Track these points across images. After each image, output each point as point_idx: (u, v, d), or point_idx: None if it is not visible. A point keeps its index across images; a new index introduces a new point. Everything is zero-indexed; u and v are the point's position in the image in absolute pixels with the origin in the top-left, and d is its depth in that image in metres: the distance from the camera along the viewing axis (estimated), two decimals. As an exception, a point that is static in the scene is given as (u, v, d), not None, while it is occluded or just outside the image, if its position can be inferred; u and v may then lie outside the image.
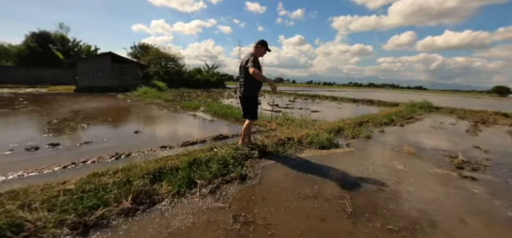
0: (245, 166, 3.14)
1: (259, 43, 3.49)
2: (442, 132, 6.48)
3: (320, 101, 15.25)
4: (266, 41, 3.52)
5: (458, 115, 10.86)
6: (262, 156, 3.53)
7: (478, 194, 2.72)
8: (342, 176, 2.99)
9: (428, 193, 2.70)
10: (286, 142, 4.21)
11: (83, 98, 12.14)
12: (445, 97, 31.20)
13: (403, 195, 2.60)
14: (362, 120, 7.07)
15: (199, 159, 3.03)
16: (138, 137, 4.66)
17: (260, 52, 3.51)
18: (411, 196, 2.58)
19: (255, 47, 3.50)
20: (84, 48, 28.47)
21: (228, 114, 7.14)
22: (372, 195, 2.55)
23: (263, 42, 3.51)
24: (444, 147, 4.83)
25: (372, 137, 5.29)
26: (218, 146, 3.58)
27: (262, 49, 3.51)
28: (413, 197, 2.56)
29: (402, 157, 3.96)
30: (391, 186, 2.79)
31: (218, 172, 2.83)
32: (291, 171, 3.11)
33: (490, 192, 2.79)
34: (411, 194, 2.63)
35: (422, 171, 3.37)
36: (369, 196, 2.53)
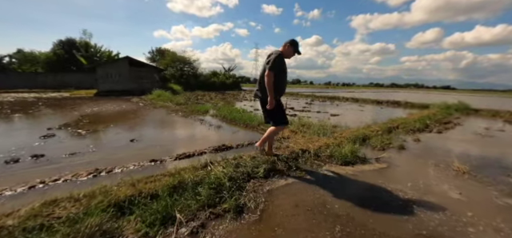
0: (245, 191, 2.44)
1: (289, 43, 2.99)
2: (493, 142, 5.33)
3: (340, 103, 14.16)
4: (297, 42, 3.00)
5: (504, 118, 9.35)
6: (268, 175, 2.81)
7: None
8: (373, 210, 2.17)
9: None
10: (300, 155, 3.45)
11: (99, 102, 12.17)
12: (478, 98, 28.23)
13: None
14: (391, 126, 6.09)
15: (185, 181, 2.38)
16: (131, 147, 4.15)
17: (288, 52, 3.00)
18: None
19: (284, 46, 3.02)
20: (105, 53, 29.46)
21: (237, 119, 6.49)
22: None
23: (294, 43, 2.99)
24: (502, 162, 3.79)
25: (406, 148, 4.35)
26: (214, 162, 2.91)
27: (291, 50, 3.00)
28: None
29: (453, 178, 3.03)
30: (449, 229, 1.94)
31: (208, 201, 2.16)
32: (305, 199, 2.35)
33: None
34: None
35: (486, 202, 2.45)
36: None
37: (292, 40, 2.98)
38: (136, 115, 7.95)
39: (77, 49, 27.42)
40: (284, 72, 2.94)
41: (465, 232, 1.90)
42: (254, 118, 6.17)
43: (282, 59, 2.87)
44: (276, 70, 2.77)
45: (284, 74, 2.95)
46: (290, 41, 2.98)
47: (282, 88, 3.03)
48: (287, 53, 2.99)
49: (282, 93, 3.04)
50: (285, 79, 3.00)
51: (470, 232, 1.89)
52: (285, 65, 2.95)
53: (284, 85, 3.04)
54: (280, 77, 2.87)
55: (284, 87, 3.06)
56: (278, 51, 2.89)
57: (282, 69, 2.87)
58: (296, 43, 2.99)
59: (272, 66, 2.74)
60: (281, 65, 2.85)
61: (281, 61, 2.85)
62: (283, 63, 2.91)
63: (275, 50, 2.94)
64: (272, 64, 2.75)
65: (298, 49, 3.01)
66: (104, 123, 6.38)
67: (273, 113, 2.97)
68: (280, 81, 2.89)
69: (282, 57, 2.87)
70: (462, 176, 3.09)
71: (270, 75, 2.74)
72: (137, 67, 20.49)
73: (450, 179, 2.99)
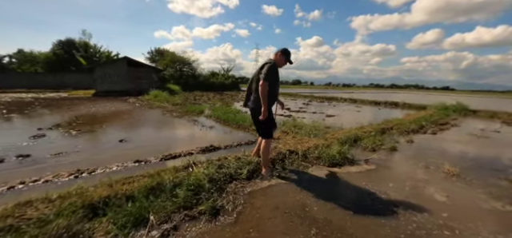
0: (225, 193, 2.40)
1: (281, 52, 2.88)
2: (488, 143, 5.27)
3: (337, 104, 14.10)
4: (288, 51, 2.91)
5: (502, 119, 9.27)
6: (251, 177, 2.76)
7: None
8: (352, 213, 2.12)
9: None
10: (287, 157, 3.39)
11: (96, 102, 12.15)
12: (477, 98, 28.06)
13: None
14: (385, 127, 6.02)
15: (164, 183, 2.33)
16: (119, 148, 4.11)
17: (280, 61, 2.89)
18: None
19: (276, 55, 2.91)
20: (104, 53, 29.49)
21: (230, 120, 6.45)
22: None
23: (285, 52, 2.88)
24: (495, 164, 3.73)
25: (398, 149, 4.29)
26: (198, 163, 2.87)
27: (283, 59, 2.89)
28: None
29: (442, 180, 2.97)
30: (426, 233, 1.88)
31: (184, 203, 2.11)
32: (285, 201, 2.30)
33: None
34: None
35: (473, 205, 2.40)
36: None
37: (283, 49, 2.88)
38: (130, 115, 7.92)
39: (76, 50, 27.47)
40: (276, 81, 2.85)
41: (440, 235, 1.85)
42: (247, 119, 6.12)
43: (275, 69, 2.77)
44: (270, 80, 2.66)
45: (276, 84, 2.87)
46: (282, 50, 2.87)
47: (275, 97, 2.95)
48: (279, 62, 2.89)
49: (274, 102, 2.96)
50: (277, 88, 2.92)
51: (446, 236, 1.84)
52: (278, 75, 2.85)
53: (276, 94, 2.96)
54: (273, 87, 2.77)
55: (276, 96, 2.98)
56: (271, 60, 2.80)
57: (275, 79, 2.78)
58: (288, 52, 2.90)
59: (266, 76, 2.63)
60: (274, 75, 2.76)
61: (274, 70, 2.76)
62: (276, 72, 2.82)
63: (269, 59, 2.84)
64: (266, 74, 2.63)
65: (289, 59, 2.92)
66: (96, 123, 6.34)
67: (264, 123, 2.82)
68: (273, 90, 2.79)
69: (275, 66, 2.78)
70: (451, 179, 3.03)
71: (265, 85, 2.62)
72: (135, 67, 20.47)
73: (439, 181, 2.94)
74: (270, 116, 2.86)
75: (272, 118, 2.94)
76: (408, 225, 1.94)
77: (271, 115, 2.90)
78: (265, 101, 2.65)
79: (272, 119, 2.94)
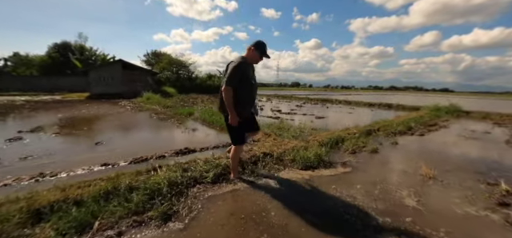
0: (184, 197, 2.30)
1: (254, 46, 2.53)
2: (474, 144, 5.18)
3: (331, 106, 14.02)
4: (262, 44, 2.56)
5: (494, 121, 9.18)
6: (217, 181, 2.66)
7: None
8: (310, 219, 2.02)
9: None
10: (261, 159, 3.29)
11: (87, 105, 12.04)
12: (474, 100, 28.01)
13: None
14: (372, 129, 5.93)
15: (119, 187, 2.23)
16: (92, 150, 4.01)
17: (253, 57, 2.56)
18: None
19: (248, 49, 2.57)
20: (100, 56, 29.44)
21: (215, 122, 6.36)
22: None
23: (259, 45, 2.53)
24: (478, 166, 3.64)
25: (379, 151, 4.19)
26: (163, 166, 2.77)
27: (256, 54, 2.54)
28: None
29: (417, 184, 2.88)
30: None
31: (136, 208, 2.01)
32: (245, 205, 2.20)
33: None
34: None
35: (443, 210, 2.30)
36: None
37: (257, 42, 2.53)
38: (115, 118, 7.82)
39: (72, 53, 27.40)
40: (248, 81, 2.47)
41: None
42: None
43: (242, 68, 2.39)
44: (234, 83, 2.33)
45: (248, 84, 2.49)
46: (255, 44, 2.52)
47: (248, 100, 2.57)
48: (252, 59, 2.56)
49: (248, 106, 2.60)
50: (250, 89, 2.54)
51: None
52: (249, 73, 2.48)
53: (250, 96, 2.59)
54: (244, 88, 2.43)
55: (251, 99, 2.61)
56: (238, 59, 2.46)
57: (244, 79, 2.42)
58: (262, 45, 2.54)
59: (228, 80, 2.32)
60: (242, 75, 2.39)
61: (240, 70, 2.38)
62: (246, 71, 2.44)
63: (236, 58, 2.51)
64: (228, 77, 2.33)
65: (265, 53, 2.57)
66: (79, 126, 6.24)
67: (233, 130, 2.54)
68: (244, 93, 2.45)
69: (242, 65, 2.40)
70: (427, 182, 2.94)
71: (227, 91, 2.32)
72: (130, 70, 20.43)
73: (413, 185, 2.84)
74: (244, 121, 2.53)
75: (245, 123, 2.57)
76: (365, 230, 1.84)
77: (248, 118, 2.63)
78: (230, 107, 2.36)
79: (244, 125, 2.57)
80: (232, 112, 2.38)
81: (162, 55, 29.46)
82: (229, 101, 2.36)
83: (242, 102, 2.45)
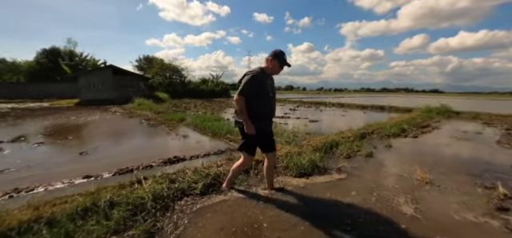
0: (171, 211, 2.14)
1: (272, 56, 2.37)
2: (467, 145, 5.18)
3: (324, 109, 14.02)
4: (280, 52, 2.39)
5: (484, 121, 9.31)
6: (206, 192, 2.51)
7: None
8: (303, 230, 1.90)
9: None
10: (253, 167, 3.16)
11: (76, 112, 11.67)
12: (463, 100, 28.64)
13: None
14: (366, 132, 5.88)
15: (98, 203, 2.06)
16: (76, 161, 3.80)
17: (273, 68, 2.40)
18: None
19: (266, 61, 2.43)
20: (90, 62, 28.89)
21: (207, 128, 6.20)
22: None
23: (277, 55, 2.37)
24: (473, 168, 3.59)
25: (374, 155, 4.12)
26: (149, 178, 2.61)
27: (276, 64, 2.38)
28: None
29: (413, 189, 2.79)
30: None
31: (117, 226, 1.85)
32: (236, 218, 2.06)
33: None
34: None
35: (443, 217, 2.21)
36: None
37: (274, 52, 2.37)
38: (104, 125, 7.58)
39: (61, 58, 26.79)
40: (264, 93, 2.34)
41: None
42: (224, 127, 5.90)
43: (257, 79, 2.27)
44: (247, 94, 2.24)
45: (265, 96, 2.35)
46: (273, 54, 2.36)
47: (265, 112, 2.40)
48: (272, 69, 2.41)
49: (265, 117, 2.42)
50: (267, 101, 2.39)
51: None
52: (266, 85, 2.35)
53: (268, 108, 2.42)
54: (260, 101, 2.32)
55: (268, 111, 2.43)
56: (253, 71, 2.34)
57: (260, 91, 2.30)
58: (280, 54, 2.38)
59: (241, 90, 2.24)
60: (257, 87, 2.27)
61: (255, 81, 2.26)
62: (262, 83, 2.32)
63: (253, 69, 2.38)
64: (241, 87, 2.25)
65: (284, 61, 2.40)
66: (65, 134, 5.98)
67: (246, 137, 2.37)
68: (260, 105, 2.32)
69: (256, 77, 2.27)
70: (423, 187, 2.86)
71: (239, 100, 2.24)
72: (121, 76, 20.06)
73: (410, 190, 2.75)
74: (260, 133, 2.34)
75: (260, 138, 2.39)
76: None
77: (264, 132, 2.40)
78: (244, 117, 2.25)
79: (260, 139, 2.40)
80: (247, 121, 2.26)
81: (154, 60, 29.10)
82: (242, 111, 2.26)
83: (257, 116, 2.30)
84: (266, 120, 2.44)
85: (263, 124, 2.37)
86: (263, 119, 2.38)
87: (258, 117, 2.31)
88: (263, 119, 2.38)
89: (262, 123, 2.34)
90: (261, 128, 2.34)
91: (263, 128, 2.37)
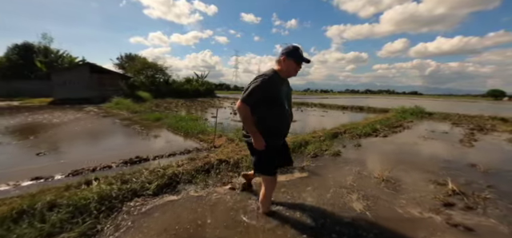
0: (116, 212, 2.06)
1: (286, 53, 1.89)
2: (432, 144, 5.42)
3: (305, 109, 14.22)
4: (295, 48, 1.90)
5: (453, 121, 9.82)
6: (160, 192, 2.45)
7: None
8: (245, 227, 1.90)
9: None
10: (215, 167, 3.12)
11: (46, 111, 11.06)
12: (439, 102, 30.18)
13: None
14: (339, 131, 6.02)
15: (35, 205, 1.94)
16: (30, 162, 3.59)
17: (288, 68, 1.93)
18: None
19: (278, 62, 1.94)
20: (67, 59, 27.58)
21: (179, 128, 6.08)
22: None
23: (291, 51, 1.89)
24: (431, 166, 3.75)
25: (341, 154, 4.21)
26: (101, 178, 2.50)
27: (292, 63, 1.91)
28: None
29: (369, 186, 2.87)
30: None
31: (52, 229, 1.75)
32: (183, 218, 2.02)
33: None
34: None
35: (386, 212, 2.28)
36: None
37: (288, 49, 1.89)
38: (74, 125, 7.23)
39: (35, 54, 25.38)
40: (277, 102, 1.87)
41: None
42: (198, 127, 5.83)
43: (269, 85, 1.81)
44: (255, 103, 1.81)
45: (279, 106, 1.89)
46: (286, 52, 1.89)
47: (278, 129, 1.94)
48: (287, 70, 1.93)
49: (278, 136, 1.97)
50: (282, 113, 1.92)
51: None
52: (279, 91, 1.87)
53: (282, 123, 1.96)
54: (272, 112, 1.87)
55: (282, 125, 1.97)
56: (265, 73, 1.87)
57: (272, 99, 1.85)
58: (295, 49, 1.90)
59: (246, 97, 1.80)
60: (267, 94, 1.82)
61: (267, 87, 1.80)
62: (275, 89, 1.85)
63: (266, 71, 1.91)
64: (246, 93, 1.80)
65: (301, 57, 1.92)
66: (27, 134, 5.64)
67: (256, 153, 1.94)
68: (272, 117, 1.88)
69: (270, 82, 1.81)
70: (379, 185, 2.94)
71: (242, 108, 1.82)
72: (99, 74, 19.31)
73: (365, 187, 2.82)
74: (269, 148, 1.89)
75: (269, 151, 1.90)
76: (303, 234, 1.76)
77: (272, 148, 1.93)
78: (250, 128, 1.84)
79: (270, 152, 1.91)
80: (255, 133, 1.83)
81: (136, 58, 28.26)
82: (247, 121, 1.84)
83: (268, 131, 1.87)
84: (279, 139, 1.99)
85: (274, 143, 1.93)
86: (275, 137, 1.93)
87: (268, 135, 1.87)
88: (275, 137, 1.93)
89: (272, 141, 1.90)
90: (272, 145, 1.91)
91: (273, 146, 1.93)
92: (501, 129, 7.89)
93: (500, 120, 9.85)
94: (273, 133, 1.89)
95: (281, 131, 1.98)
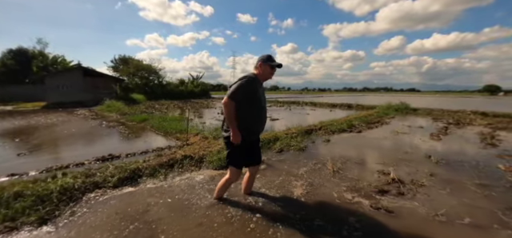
0: (75, 201, 2.32)
1: (261, 61, 2.21)
2: (401, 138, 5.68)
3: (295, 108, 14.50)
4: (270, 56, 2.24)
5: (434, 116, 10.11)
6: (121, 184, 2.71)
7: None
8: (189, 211, 2.17)
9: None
10: (179, 162, 3.38)
11: (38, 115, 11.25)
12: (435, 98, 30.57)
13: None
14: (314, 128, 6.29)
15: (2, 194, 2.21)
16: (9, 161, 3.83)
17: (265, 72, 2.23)
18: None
19: (256, 68, 2.25)
20: (63, 63, 27.77)
21: (161, 128, 6.35)
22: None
23: (265, 58, 2.22)
24: (388, 158, 4.02)
25: (306, 150, 4.47)
26: (68, 173, 2.76)
27: (267, 68, 2.22)
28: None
29: (318, 177, 3.13)
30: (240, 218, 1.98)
31: (14, 214, 2.02)
32: (134, 205, 2.28)
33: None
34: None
35: (324, 197, 2.55)
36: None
37: (262, 58, 2.22)
38: (61, 127, 7.47)
39: (30, 59, 25.57)
40: (257, 101, 2.17)
41: (249, 219, 1.95)
42: (178, 127, 6.11)
43: (252, 86, 2.11)
44: (236, 99, 2.06)
45: (258, 104, 2.19)
46: (262, 60, 2.21)
47: (256, 126, 2.24)
48: (264, 74, 2.24)
49: (253, 129, 2.23)
50: (259, 112, 2.23)
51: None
52: (259, 92, 2.19)
53: (259, 120, 2.26)
54: (252, 110, 2.16)
55: (259, 123, 2.27)
56: (245, 76, 2.13)
57: (253, 98, 2.14)
58: (269, 58, 2.22)
59: (231, 93, 2.05)
60: (249, 93, 2.11)
61: (250, 87, 2.10)
62: (256, 89, 2.14)
63: (246, 75, 2.17)
64: (232, 90, 2.06)
65: (274, 63, 2.23)
66: (14, 136, 5.88)
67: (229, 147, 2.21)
68: (251, 114, 2.16)
69: (253, 83, 2.12)
70: (328, 175, 3.19)
71: (228, 104, 2.05)
72: (93, 77, 19.54)
73: (313, 177, 3.08)
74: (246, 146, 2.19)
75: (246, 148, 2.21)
76: (225, 212, 2.05)
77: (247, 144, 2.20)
78: (231, 123, 2.08)
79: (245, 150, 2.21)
80: (234, 128, 2.08)
81: (129, 61, 28.46)
82: (230, 116, 2.07)
83: (247, 126, 2.15)
84: (254, 135, 2.29)
85: (249, 138, 2.21)
86: (251, 134, 2.22)
87: (245, 130, 2.13)
88: (251, 134, 2.22)
89: (248, 136, 2.18)
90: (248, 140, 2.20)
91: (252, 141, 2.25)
92: (477, 123, 8.18)
93: (481, 115, 10.15)
94: (249, 130, 2.17)
95: (257, 127, 2.27)
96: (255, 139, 2.33)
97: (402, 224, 2.06)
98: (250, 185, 2.57)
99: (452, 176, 3.23)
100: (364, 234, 1.92)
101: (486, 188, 2.80)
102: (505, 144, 5.03)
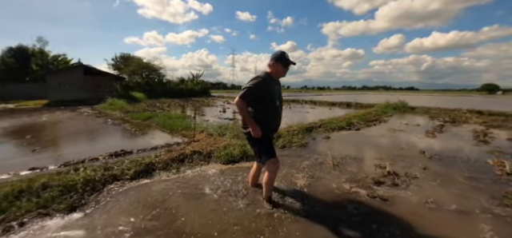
0: (97, 192, 2.54)
1: (274, 59, 2.23)
2: (397, 136, 5.92)
3: (295, 106, 14.73)
4: (281, 53, 2.24)
5: (431, 115, 10.36)
6: (137, 177, 2.92)
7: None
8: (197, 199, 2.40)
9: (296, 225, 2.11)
10: (189, 157, 3.60)
11: (42, 113, 11.40)
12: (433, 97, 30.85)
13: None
14: (314, 126, 6.51)
15: (32, 185, 2.42)
16: (26, 157, 4.04)
17: (278, 71, 2.26)
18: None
19: (269, 66, 2.28)
20: (63, 61, 27.85)
21: (166, 126, 6.54)
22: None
23: (278, 56, 2.22)
24: (385, 154, 4.25)
25: (307, 146, 4.70)
26: (88, 167, 2.97)
27: (280, 67, 2.24)
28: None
29: (319, 170, 3.36)
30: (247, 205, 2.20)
31: (45, 203, 2.23)
32: (153, 194, 2.52)
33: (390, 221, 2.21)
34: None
35: (323, 188, 2.78)
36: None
37: (275, 55, 2.22)
38: (68, 125, 7.67)
39: (30, 58, 25.63)
40: (271, 100, 2.21)
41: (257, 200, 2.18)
42: (182, 124, 6.31)
43: (264, 84, 2.15)
44: (250, 100, 2.13)
45: (271, 104, 2.23)
46: (274, 58, 2.21)
47: (272, 121, 2.28)
48: (277, 72, 2.26)
49: (271, 127, 2.31)
50: (274, 110, 2.27)
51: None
52: (273, 91, 2.21)
53: (274, 118, 2.30)
54: (266, 109, 2.21)
55: (274, 122, 2.32)
56: (257, 77, 2.18)
57: (266, 98, 2.18)
58: (281, 54, 2.22)
59: (243, 93, 2.10)
60: (262, 93, 2.15)
61: (261, 86, 2.13)
62: (269, 89, 2.18)
63: (258, 74, 2.22)
64: (243, 91, 2.10)
65: (287, 60, 2.24)
66: (23, 134, 6.07)
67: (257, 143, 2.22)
68: (265, 113, 2.20)
69: (264, 82, 2.16)
70: (328, 168, 3.42)
71: (239, 104, 2.11)
72: (93, 75, 19.66)
73: (314, 170, 3.31)
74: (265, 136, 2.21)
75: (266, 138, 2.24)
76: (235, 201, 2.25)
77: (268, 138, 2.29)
78: (248, 120, 2.14)
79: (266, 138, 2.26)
80: (252, 123, 2.12)
81: (130, 59, 28.59)
82: (245, 114, 2.15)
83: (262, 125, 2.17)
84: (271, 132, 2.34)
85: (267, 134, 2.25)
86: (268, 131, 2.25)
87: (262, 128, 2.16)
88: (268, 131, 2.25)
89: (266, 133, 2.21)
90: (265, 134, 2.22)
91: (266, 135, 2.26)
92: (472, 121, 8.43)
93: (476, 113, 10.40)
94: (266, 127, 2.20)
95: (273, 125, 2.32)
96: (272, 135, 2.43)
97: (396, 210, 2.30)
98: (256, 178, 2.73)
99: (444, 170, 3.46)
100: (361, 219, 2.15)
101: (474, 180, 3.03)
102: (497, 142, 5.27)
